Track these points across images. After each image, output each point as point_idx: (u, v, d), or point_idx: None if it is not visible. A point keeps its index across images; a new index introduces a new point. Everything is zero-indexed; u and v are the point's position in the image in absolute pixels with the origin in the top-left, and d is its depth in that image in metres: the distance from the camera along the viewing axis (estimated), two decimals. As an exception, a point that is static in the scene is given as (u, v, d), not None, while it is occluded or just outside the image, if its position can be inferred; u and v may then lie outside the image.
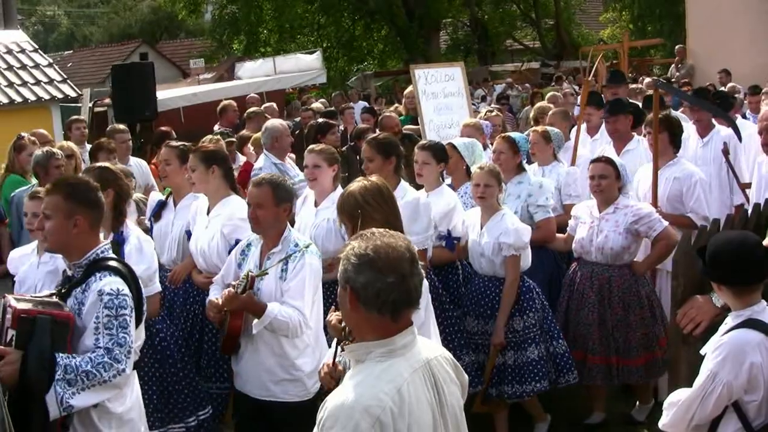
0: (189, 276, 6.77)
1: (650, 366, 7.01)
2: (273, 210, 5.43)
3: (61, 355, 4.12)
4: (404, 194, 6.43)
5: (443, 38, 43.49)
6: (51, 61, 17.15)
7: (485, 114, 11.92)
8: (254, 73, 24.08)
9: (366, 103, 20.08)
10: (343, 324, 3.57)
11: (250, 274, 5.26)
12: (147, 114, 14.27)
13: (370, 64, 41.58)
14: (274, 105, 15.29)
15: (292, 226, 6.02)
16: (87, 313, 4.27)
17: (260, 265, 5.47)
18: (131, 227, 5.73)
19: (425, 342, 3.35)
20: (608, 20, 45.11)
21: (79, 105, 17.13)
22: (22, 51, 16.94)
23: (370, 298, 3.09)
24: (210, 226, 6.56)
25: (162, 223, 7.14)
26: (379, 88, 31.87)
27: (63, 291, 4.42)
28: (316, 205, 6.89)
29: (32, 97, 15.78)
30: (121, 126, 11.05)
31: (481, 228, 6.90)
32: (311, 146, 7.02)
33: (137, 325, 4.43)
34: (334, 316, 4.24)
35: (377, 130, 12.27)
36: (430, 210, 6.51)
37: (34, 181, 8.57)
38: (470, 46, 43.19)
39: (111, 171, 5.88)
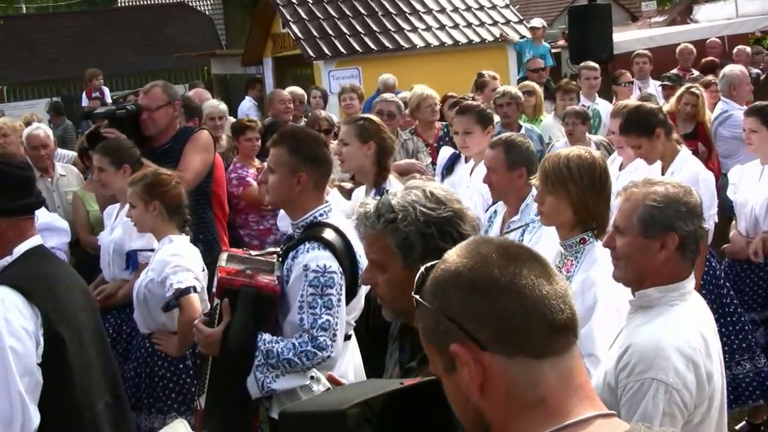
0: None
1: None
2: (505, 175, 4.85)
3: (264, 337, 3.95)
4: (681, 167, 5.64)
5: None
6: (508, 2, 17.25)
7: None
8: (713, 17, 22.74)
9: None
10: None
11: None
12: (603, 56, 13.82)
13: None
14: (748, 49, 14.16)
15: None
16: (292, 285, 4.02)
17: (500, 235, 4.87)
18: (394, 183, 5.28)
19: None
20: None
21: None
22: (482, -9, 17.20)
23: (691, 245, 3.06)
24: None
25: (455, 178, 6.75)
26: None
27: (281, 251, 4.17)
28: (621, 168, 6.45)
29: (489, 38, 16.00)
30: (591, 63, 10.81)
31: None
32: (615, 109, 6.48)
33: (352, 298, 4.14)
34: None
35: None
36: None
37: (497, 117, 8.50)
38: None
39: (375, 123, 5.52)
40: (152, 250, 5.23)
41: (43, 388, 3.41)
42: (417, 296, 1.77)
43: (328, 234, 4.07)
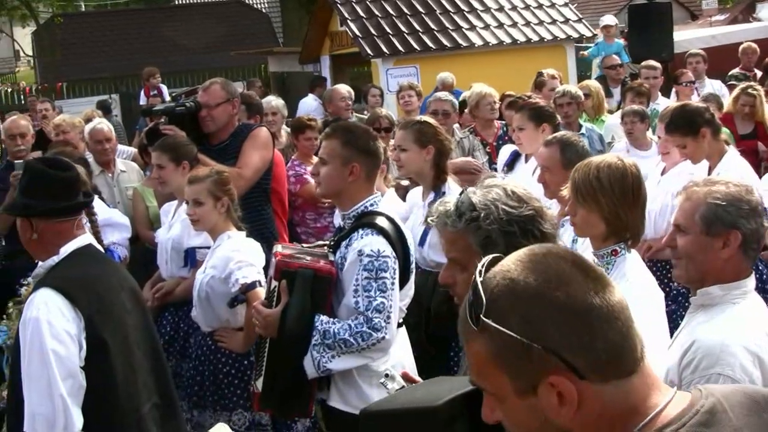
0: None
1: None
2: (561, 174, 4.63)
3: (321, 318, 3.98)
4: (728, 168, 5.63)
5: None
6: (567, 0, 17.09)
7: None
8: (776, 15, 22.37)
9: None
10: None
11: None
12: (663, 56, 13.64)
13: None
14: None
15: None
16: (347, 271, 4.06)
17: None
18: (453, 187, 5.24)
19: None
20: None
21: (589, 45, 16.94)
22: (541, -10, 17.06)
23: (753, 244, 3.05)
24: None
25: (515, 174, 6.60)
26: None
27: (332, 242, 4.22)
28: (663, 173, 6.40)
29: (548, 36, 15.88)
30: (652, 62, 10.74)
31: None
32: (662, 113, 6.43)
33: (404, 284, 4.19)
34: None
35: None
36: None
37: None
38: None
39: (432, 126, 5.49)
40: (209, 248, 5.22)
41: (86, 392, 3.42)
42: (488, 320, 1.66)
43: (381, 221, 4.13)
